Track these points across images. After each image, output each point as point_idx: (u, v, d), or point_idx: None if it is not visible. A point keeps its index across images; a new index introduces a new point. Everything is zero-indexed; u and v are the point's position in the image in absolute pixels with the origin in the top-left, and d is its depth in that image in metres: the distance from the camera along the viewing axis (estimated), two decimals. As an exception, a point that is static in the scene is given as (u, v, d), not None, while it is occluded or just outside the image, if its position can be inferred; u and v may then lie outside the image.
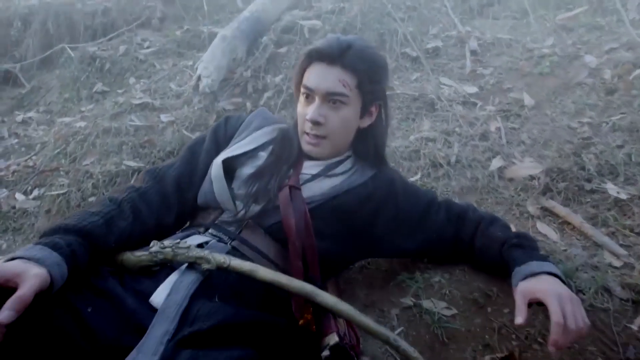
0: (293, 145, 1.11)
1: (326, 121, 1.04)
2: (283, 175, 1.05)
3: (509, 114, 1.82)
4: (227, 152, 1.07)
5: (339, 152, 1.12)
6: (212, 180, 1.03)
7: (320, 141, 1.05)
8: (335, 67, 1.03)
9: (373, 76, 1.05)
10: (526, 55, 2.21)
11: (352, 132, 1.10)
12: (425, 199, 1.15)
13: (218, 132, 1.14)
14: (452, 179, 1.53)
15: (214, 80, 2.27)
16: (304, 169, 1.08)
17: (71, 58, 3.16)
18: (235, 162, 1.07)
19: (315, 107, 1.04)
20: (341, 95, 1.03)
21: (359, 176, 1.12)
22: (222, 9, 3.43)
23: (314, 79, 1.04)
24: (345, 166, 1.12)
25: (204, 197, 1.04)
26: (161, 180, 1.04)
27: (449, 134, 1.75)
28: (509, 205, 1.38)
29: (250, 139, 1.10)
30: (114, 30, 3.42)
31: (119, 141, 2.16)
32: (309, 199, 1.03)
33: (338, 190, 1.07)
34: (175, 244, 0.84)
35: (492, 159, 1.58)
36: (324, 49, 1.05)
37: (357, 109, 1.06)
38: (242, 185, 1.04)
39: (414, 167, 1.65)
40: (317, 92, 1.04)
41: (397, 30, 2.42)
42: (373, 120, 1.12)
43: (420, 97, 1.95)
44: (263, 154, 1.09)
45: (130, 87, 2.77)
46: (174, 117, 2.24)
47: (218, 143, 1.12)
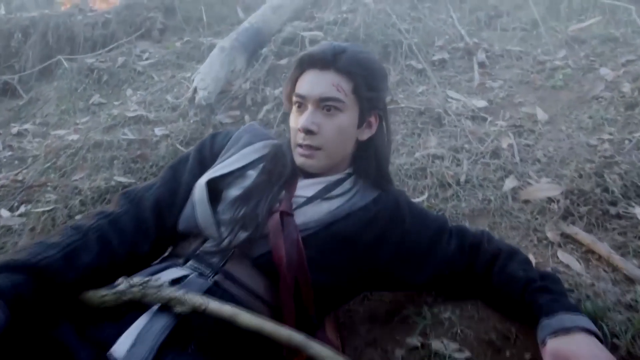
0: (286, 162, 0.99)
1: (320, 130, 0.92)
2: (274, 198, 0.93)
3: (522, 129, 1.69)
4: (212, 171, 0.95)
5: (337, 167, 1.00)
6: (194, 204, 0.91)
7: (315, 152, 0.94)
8: (328, 72, 0.92)
9: (370, 81, 0.94)
10: (537, 67, 2.09)
11: (350, 143, 0.98)
12: (435, 225, 1.02)
13: (203, 150, 1.02)
14: (461, 200, 1.40)
15: (211, 93, 2.17)
16: (299, 190, 0.96)
17: (68, 69, 3.08)
18: (221, 183, 0.95)
19: (308, 115, 0.92)
20: (336, 100, 0.91)
21: (360, 198, 0.99)
22: (224, 21, 3.36)
23: (306, 86, 0.93)
24: (344, 187, 1.00)
25: (186, 223, 0.92)
26: (138, 204, 0.92)
27: (458, 150, 1.62)
28: (525, 230, 1.25)
29: (238, 157, 0.98)
30: (114, 41, 3.34)
31: (110, 155, 2.05)
32: (302, 225, 0.91)
33: (336, 215, 0.94)
34: (144, 282, 0.71)
35: (504, 179, 1.45)
36: (316, 54, 0.94)
37: (354, 117, 0.95)
38: (228, 210, 0.91)
39: (420, 186, 1.52)
40: (309, 99, 0.92)
41: (401, 42, 2.31)
42: (373, 132, 1.00)
43: (426, 111, 1.83)
44: (252, 172, 0.97)
45: (127, 99, 2.68)
46: (168, 130, 2.13)
47: (203, 162, 1.00)
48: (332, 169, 1.00)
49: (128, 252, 0.85)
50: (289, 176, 0.98)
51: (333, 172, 1.01)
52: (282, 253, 0.86)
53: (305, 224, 0.92)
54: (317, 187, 0.98)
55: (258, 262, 0.88)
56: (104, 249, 0.81)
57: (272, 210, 0.91)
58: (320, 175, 1.00)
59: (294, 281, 0.86)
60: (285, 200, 0.93)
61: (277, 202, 0.93)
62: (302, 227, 0.91)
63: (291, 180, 0.98)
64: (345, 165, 1.03)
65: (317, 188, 0.98)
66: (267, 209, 0.91)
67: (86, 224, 0.83)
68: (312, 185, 0.98)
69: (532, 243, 1.20)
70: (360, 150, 1.02)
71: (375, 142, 1.02)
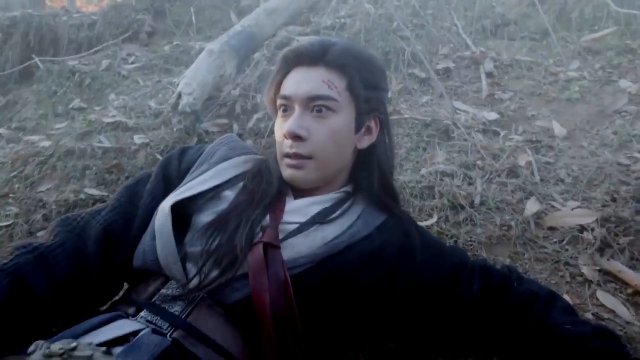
0: (272, 179, 0.79)
1: (310, 135, 0.74)
2: (256, 224, 0.73)
3: (539, 145, 1.51)
4: (179, 192, 0.74)
5: (332, 183, 0.80)
6: (154, 234, 0.71)
7: (305, 162, 0.75)
8: (317, 68, 0.75)
9: (367, 77, 0.77)
10: (550, 79, 1.92)
11: (347, 151, 0.79)
12: (453, 260, 0.82)
13: (169, 166, 0.82)
14: (476, 224, 1.21)
15: (197, 99, 1.96)
16: (287, 215, 0.76)
17: (48, 72, 2.86)
18: (189, 207, 0.74)
19: (294, 118, 0.74)
20: (327, 98, 0.74)
21: (362, 225, 0.79)
22: (215, 25, 3.17)
23: (291, 85, 0.76)
24: (343, 209, 0.80)
25: (142, 259, 0.71)
26: (80, 234, 0.71)
27: (469, 167, 1.43)
28: (554, 263, 1.05)
29: (212, 173, 0.77)
30: (100, 44, 3.14)
31: (82, 165, 1.83)
32: (292, 261, 0.70)
33: (333, 248, 0.74)
34: (68, 350, 0.50)
35: (524, 201, 1.25)
36: (303, 48, 0.76)
37: (350, 120, 0.77)
38: (197, 240, 0.70)
39: (427, 207, 1.33)
40: (295, 99, 0.75)
41: (403, 49, 2.13)
42: (374, 139, 0.81)
43: (432, 123, 1.64)
44: (229, 193, 0.77)
45: (109, 104, 2.47)
46: (148, 138, 1.92)
47: (168, 182, 0.80)
48: (327, 184, 0.81)
49: (59, 299, 0.64)
50: (275, 196, 0.77)
51: (328, 189, 0.81)
52: (265, 298, 0.66)
53: (295, 259, 0.71)
54: (309, 211, 0.78)
55: (233, 311, 0.67)
56: (21, 295, 0.60)
57: (254, 241, 0.71)
58: (312, 193, 0.80)
59: (281, 336, 0.65)
60: (270, 228, 0.73)
61: (260, 230, 0.73)
62: (291, 264, 0.70)
63: (278, 201, 0.78)
64: (342, 181, 0.83)
65: (309, 211, 0.78)
66: (247, 239, 0.70)
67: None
68: (304, 208, 0.78)
69: (564, 280, 1.00)
70: (360, 162, 0.83)
71: (376, 152, 0.83)
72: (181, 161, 0.82)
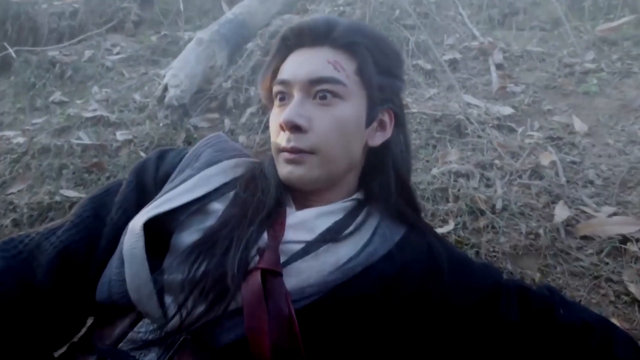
0: (268, 187, 0.64)
1: (312, 125, 0.59)
2: (251, 245, 0.58)
3: (560, 142, 1.37)
4: (154, 205, 0.59)
5: (339, 186, 0.66)
6: (122, 259, 0.55)
7: (305, 157, 0.60)
8: (322, 48, 0.62)
9: (381, 60, 0.63)
10: (565, 71, 1.78)
11: (356, 148, 0.64)
12: (487, 282, 0.68)
13: (144, 172, 0.66)
14: (499, 232, 1.07)
15: (184, 91, 1.80)
16: (289, 232, 0.61)
17: (27, 62, 2.67)
18: (168, 224, 0.59)
19: (293, 104, 0.60)
20: (333, 81, 0.60)
21: (380, 242, 0.65)
22: (206, 15, 2.99)
23: (290, 67, 0.62)
24: (357, 222, 0.65)
25: (107, 291, 0.55)
26: (26, 261, 0.55)
27: (486, 167, 1.29)
28: (593, 279, 0.92)
29: (196, 181, 0.62)
30: (83, 33, 2.95)
31: (59, 163, 1.66)
32: (297, 292, 0.56)
33: (348, 273, 0.59)
34: None
35: (551, 205, 1.12)
36: (305, 25, 0.62)
37: (360, 109, 0.62)
38: (178, 267, 0.55)
39: (441, 212, 1.18)
40: (294, 84, 0.61)
41: (407, 39, 1.98)
42: (388, 135, 0.67)
43: (442, 118, 1.50)
44: (218, 206, 0.62)
45: (91, 97, 2.29)
46: (132, 134, 1.76)
47: (143, 191, 0.64)
48: (333, 189, 0.66)
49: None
50: (274, 208, 0.62)
51: (335, 196, 0.66)
52: (264, 340, 0.51)
53: (302, 289, 0.57)
54: (316, 225, 0.63)
55: (224, 357, 0.53)
56: None
57: (249, 267, 0.56)
58: (318, 202, 0.65)
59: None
60: (269, 250, 0.58)
61: (256, 252, 0.58)
62: (297, 295, 0.56)
63: (277, 214, 0.63)
64: (351, 186, 0.69)
65: (317, 226, 0.63)
66: (240, 265, 0.56)
67: None
68: (310, 221, 0.63)
69: (607, 298, 0.86)
70: (372, 163, 0.68)
71: (391, 152, 0.68)
72: (159, 166, 0.67)
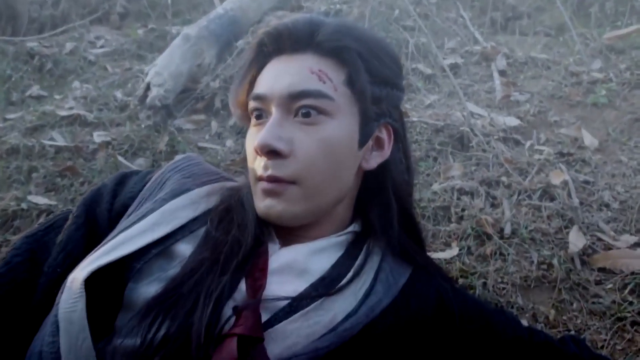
0: (246, 223, 0.52)
1: (293, 149, 0.48)
2: (222, 300, 0.46)
3: (571, 159, 1.27)
4: (101, 252, 0.46)
5: (331, 217, 0.54)
6: (57, 324, 0.43)
7: (285, 188, 0.49)
8: (303, 54, 0.51)
9: (376, 67, 0.52)
10: (571, 80, 1.68)
11: (348, 174, 0.53)
12: (507, 337, 0.58)
13: (96, 205, 0.53)
14: (507, 260, 0.96)
15: (168, 91, 1.66)
16: (274, 279, 0.49)
17: (3, 53, 2.50)
18: (121, 273, 0.47)
19: (270, 125, 0.48)
20: (317, 95, 0.48)
21: (383, 289, 0.53)
22: (196, 8, 2.85)
23: (267, 80, 0.51)
24: (356, 267, 0.54)
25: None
26: None
27: (492, 185, 1.18)
28: (616, 320, 0.81)
29: (157, 217, 0.49)
30: (66, 24, 2.78)
31: (28, 166, 1.51)
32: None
33: (344, 335, 0.48)
34: None
35: (564, 230, 1.01)
36: (283, 28, 0.52)
37: (351, 127, 0.51)
38: (132, 331, 0.43)
39: (443, 233, 1.07)
40: (272, 99, 0.50)
41: (407, 41, 1.87)
42: (387, 155, 0.55)
43: (445, 128, 1.39)
44: (184, 248, 0.49)
45: (72, 92, 2.14)
46: (110, 136, 1.62)
47: (93, 230, 0.51)
48: (324, 222, 0.54)
49: None
50: (252, 248, 0.51)
51: (327, 228, 0.55)
52: None
53: (289, 356, 0.45)
54: (309, 267, 0.52)
55: None
56: None
57: (222, 331, 0.44)
58: (306, 236, 0.53)
59: None
60: (248, 310, 0.46)
61: (231, 311, 0.46)
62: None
63: (257, 255, 0.51)
64: (345, 216, 0.57)
65: (309, 268, 0.52)
66: (210, 329, 0.44)
67: None
68: (299, 262, 0.51)
69: (635, 346, 0.76)
70: (368, 188, 0.57)
71: (391, 174, 0.56)
72: (116, 195, 0.54)
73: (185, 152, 1.68)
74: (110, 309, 0.46)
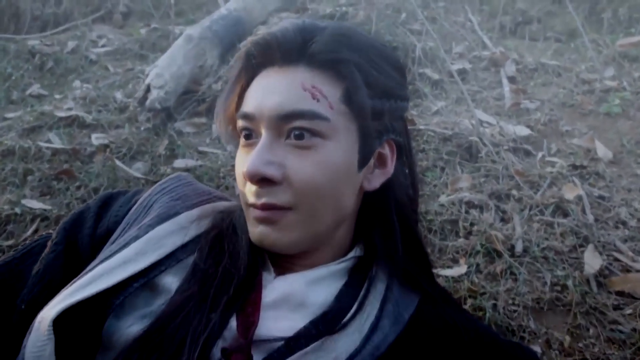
0: (239, 251, 0.47)
1: (285, 174, 0.43)
2: (210, 341, 0.41)
3: (584, 171, 1.21)
4: (76, 287, 0.41)
5: (329, 242, 0.49)
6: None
7: (280, 215, 0.44)
8: (295, 68, 0.45)
9: (377, 78, 0.46)
10: (583, 88, 1.62)
11: (348, 197, 0.47)
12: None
13: (78, 231, 0.48)
14: (519, 280, 0.91)
15: (169, 93, 1.61)
16: (268, 315, 0.44)
17: (4, 51, 2.46)
18: (100, 308, 0.42)
19: (260, 149, 0.43)
20: (311, 116, 0.43)
21: (390, 323, 0.48)
22: (200, 8, 2.80)
23: (255, 97, 0.45)
24: (360, 299, 0.49)
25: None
26: None
27: (502, 198, 1.13)
28: (636, 350, 0.76)
29: (141, 246, 0.44)
30: (68, 22, 2.74)
31: (24, 169, 1.47)
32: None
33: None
34: None
35: (579, 249, 0.96)
36: (272, 38, 0.45)
37: (349, 148, 0.46)
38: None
39: (450, 249, 1.02)
40: (261, 119, 0.44)
41: (414, 45, 1.81)
42: (390, 174, 0.49)
43: (453, 137, 1.33)
44: (170, 280, 0.44)
45: (72, 92, 2.10)
46: (109, 138, 1.57)
47: (73, 259, 0.46)
48: (322, 248, 0.49)
49: None
50: (245, 280, 0.46)
51: (326, 256, 0.49)
52: None
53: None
54: (308, 298, 0.46)
55: None
56: None
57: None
58: (304, 263, 0.48)
59: None
60: (239, 353, 0.41)
61: (220, 355, 0.41)
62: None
63: (250, 288, 0.46)
64: (346, 240, 0.51)
65: (308, 300, 0.46)
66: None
67: None
68: (298, 294, 0.46)
69: (656, 380, 0.71)
70: (369, 209, 0.51)
71: (394, 192, 0.50)
72: (100, 219, 0.49)
73: (185, 156, 1.65)
74: (87, 348, 0.41)
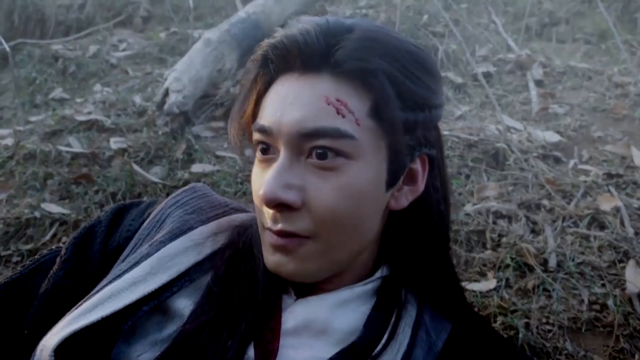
0: (256, 273, 0.43)
1: (305, 199, 0.38)
2: None
3: (620, 180, 1.14)
4: (81, 310, 0.38)
5: (351, 267, 0.44)
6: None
7: (298, 244, 0.39)
8: (318, 76, 0.39)
9: (410, 87, 0.40)
10: (616, 92, 1.54)
11: (374, 220, 0.43)
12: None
13: (88, 247, 0.44)
14: (553, 297, 0.85)
15: (187, 97, 1.60)
16: (289, 343, 0.40)
17: (29, 56, 2.51)
18: (107, 333, 0.39)
19: (277, 171, 0.38)
20: (335, 135, 0.37)
21: (423, 351, 0.43)
22: (218, 12, 2.80)
23: (273, 109, 0.40)
24: (392, 325, 0.44)
25: None
26: None
27: (532, 208, 1.06)
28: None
29: (152, 265, 0.40)
30: (90, 27, 2.77)
31: (44, 172, 1.47)
32: None
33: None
34: None
35: (618, 265, 0.89)
36: (293, 42, 0.39)
37: (377, 168, 0.40)
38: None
39: (477, 261, 0.96)
40: (280, 135, 0.39)
41: (436, 48, 1.76)
42: (419, 191, 0.44)
43: (479, 143, 1.27)
44: (183, 304, 0.40)
45: (92, 96, 2.11)
46: (127, 142, 1.56)
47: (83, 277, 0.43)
48: (344, 273, 0.44)
49: None
50: (264, 303, 0.42)
51: (349, 278, 0.45)
52: None
53: None
54: (331, 324, 0.42)
55: None
56: None
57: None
58: (327, 285, 0.44)
59: None
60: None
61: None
62: None
63: (269, 313, 0.42)
64: (370, 261, 0.46)
65: (331, 326, 0.42)
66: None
67: None
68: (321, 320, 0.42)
69: None
70: (396, 228, 0.46)
71: (425, 210, 0.45)
72: (111, 235, 0.45)
73: (202, 160, 1.62)
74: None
